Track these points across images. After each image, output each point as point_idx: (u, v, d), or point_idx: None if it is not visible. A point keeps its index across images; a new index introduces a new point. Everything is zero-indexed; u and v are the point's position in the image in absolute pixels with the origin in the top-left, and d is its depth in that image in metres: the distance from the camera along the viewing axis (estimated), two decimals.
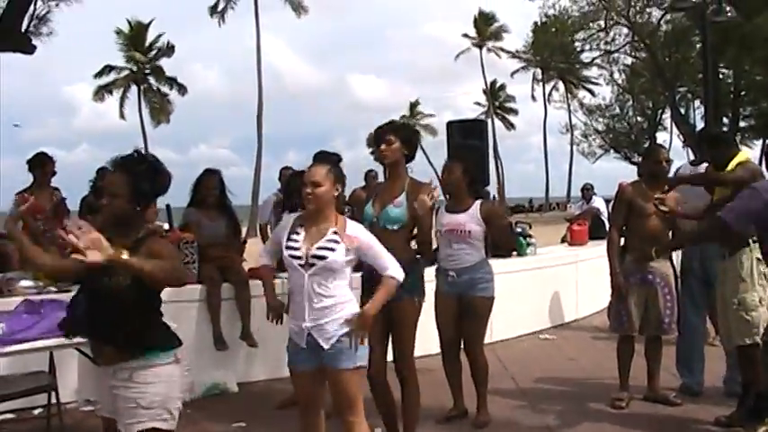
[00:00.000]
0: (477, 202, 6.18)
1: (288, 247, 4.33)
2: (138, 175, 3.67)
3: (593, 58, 48.08)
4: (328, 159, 4.51)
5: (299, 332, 4.33)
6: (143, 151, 3.81)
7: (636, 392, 6.67)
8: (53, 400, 5.99)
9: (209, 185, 6.82)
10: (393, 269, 4.42)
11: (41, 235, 8.13)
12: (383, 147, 5.30)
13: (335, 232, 4.30)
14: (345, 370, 4.31)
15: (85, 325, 3.96)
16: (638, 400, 6.63)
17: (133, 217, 3.71)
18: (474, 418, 6.29)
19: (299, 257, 4.27)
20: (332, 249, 4.26)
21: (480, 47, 77.39)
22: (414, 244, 5.37)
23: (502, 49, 75.34)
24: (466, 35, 78.02)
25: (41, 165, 8.29)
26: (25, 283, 7.32)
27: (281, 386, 6.80)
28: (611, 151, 58.86)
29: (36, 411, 6.48)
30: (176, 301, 6.51)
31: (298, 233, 4.35)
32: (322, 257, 4.24)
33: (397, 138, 5.29)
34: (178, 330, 4.11)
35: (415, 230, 5.32)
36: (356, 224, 4.51)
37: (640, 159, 8.06)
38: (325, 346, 4.28)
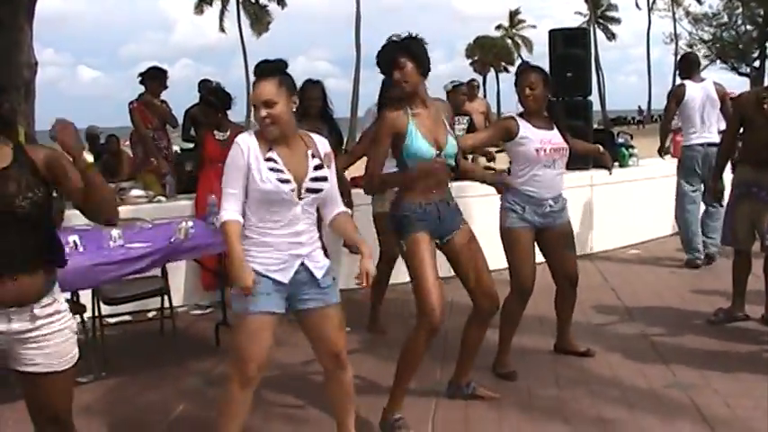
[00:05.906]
0: None
1: (274, 170, 3.59)
2: None
3: None
4: (275, 68, 3.65)
5: (285, 264, 3.68)
6: None
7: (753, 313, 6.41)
8: (166, 304, 6.31)
9: (312, 96, 6.81)
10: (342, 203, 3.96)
11: (151, 142, 8.40)
12: (396, 74, 4.26)
13: (313, 155, 3.73)
14: (339, 304, 3.94)
15: None
16: (755, 321, 6.33)
17: None
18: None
19: (288, 181, 3.60)
20: (325, 179, 3.73)
21: None
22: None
23: None
24: None
25: (155, 77, 8.49)
26: (136, 192, 7.59)
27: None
28: (718, 62, 56.84)
29: (150, 314, 6.81)
30: None
31: (274, 159, 3.62)
32: (317, 190, 3.70)
33: (409, 58, 4.25)
34: None
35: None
36: (320, 137, 3.87)
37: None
38: (320, 276, 3.78)
